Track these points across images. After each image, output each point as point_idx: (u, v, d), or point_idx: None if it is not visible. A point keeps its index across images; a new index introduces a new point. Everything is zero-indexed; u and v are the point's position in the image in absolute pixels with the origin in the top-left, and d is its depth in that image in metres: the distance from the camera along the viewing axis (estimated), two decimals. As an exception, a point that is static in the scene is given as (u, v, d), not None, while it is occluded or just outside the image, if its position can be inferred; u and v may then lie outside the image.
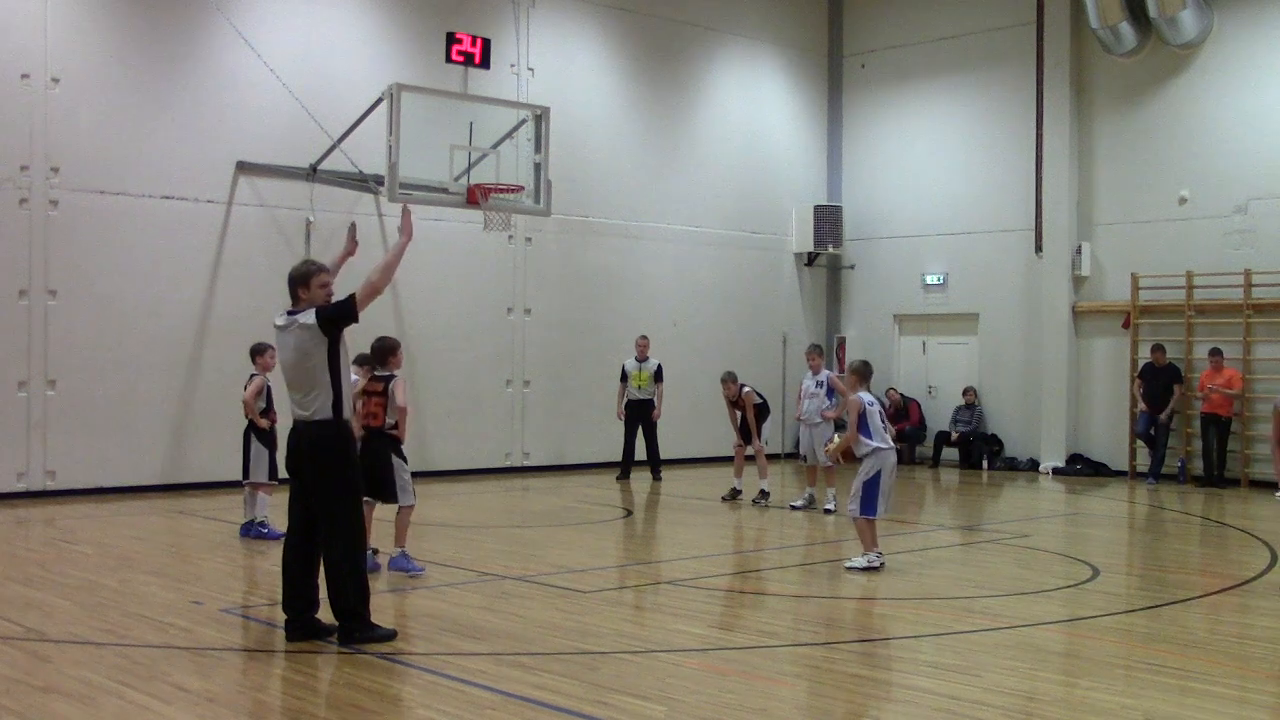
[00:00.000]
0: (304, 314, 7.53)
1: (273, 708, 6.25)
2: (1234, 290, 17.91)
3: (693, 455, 20.13)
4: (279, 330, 7.66)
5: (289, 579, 7.65)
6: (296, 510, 7.68)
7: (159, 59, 15.53)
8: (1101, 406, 19.54)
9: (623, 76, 20.01)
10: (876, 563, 10.27)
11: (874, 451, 10.36)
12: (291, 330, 7.54)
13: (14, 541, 11.87)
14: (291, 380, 7.62)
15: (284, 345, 7.61)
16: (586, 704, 6.26)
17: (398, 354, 10.15)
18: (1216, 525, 14.07)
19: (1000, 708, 6.29)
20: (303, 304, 7.62)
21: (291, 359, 7.55)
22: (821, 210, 22.06)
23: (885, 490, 10.37)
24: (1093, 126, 19.72)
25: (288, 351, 7.57)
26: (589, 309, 19.35)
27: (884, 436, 10.46)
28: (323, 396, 7.51)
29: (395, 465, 9.95)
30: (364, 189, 16.62)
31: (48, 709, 6.13)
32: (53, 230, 14.74)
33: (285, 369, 7.66)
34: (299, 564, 7.64)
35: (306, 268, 7.79)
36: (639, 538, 12.42)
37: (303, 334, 7.47)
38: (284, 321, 7.65)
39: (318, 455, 7.51)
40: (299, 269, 7.82)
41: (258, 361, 11.94)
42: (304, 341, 7.47)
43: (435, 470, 17.30)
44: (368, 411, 9.91)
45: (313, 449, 7.51)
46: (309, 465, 7.53)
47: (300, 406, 7.59)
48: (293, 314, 7.61)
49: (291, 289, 7.71)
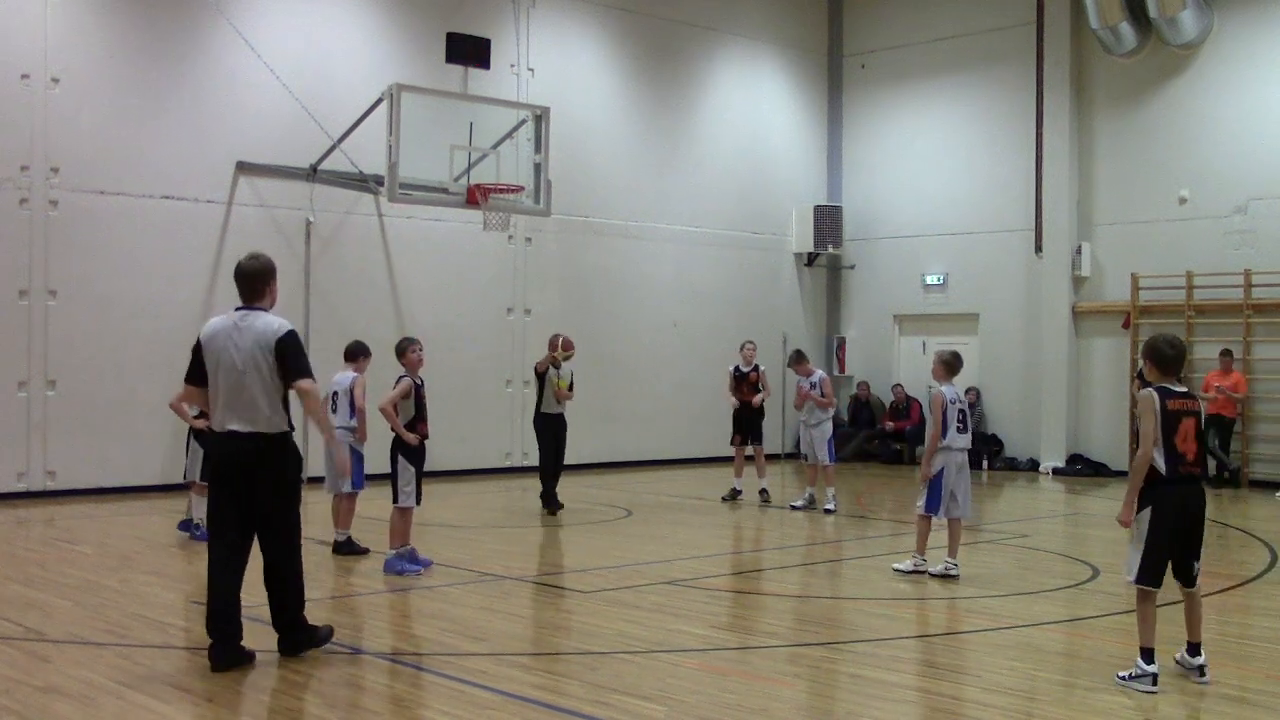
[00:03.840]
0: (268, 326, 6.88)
1: (273, 708, 6.25)
2: (1234, 290, 17.91)
3: (693, 455, 20.14)
4: (230, 330, 6.90)
5: (223, 601, 6.85)
6: (232, 527, 6.91)
7: (159, 59, 15.53)
8: (1101, 407, 19.54)
9: (623, 76, 20.01)
10: (923, 565, 10.05)
11: (944, 449, 9.94)
12: (251, 332, 6.87)
13: (14, 541, 11.87)
14: (239, 385, 6.81)
15: (238, 345, 6.84)
16: (586, 704, 6.26)
17: (407, 354, 10.20)
18: (1216, 525, 14.06)
19: (1000, 708, 6.29)
20: (261, 303, 7.03)
21: (249, 362, 6.82)
22: (821, 210, 22.06)
23: (949, 490, 9.94)
24: (1093, 126, 19.72)
25: (242, 352, 6.82)
26: (589, 309, 19.34)
27: (955, 435, 9.92)
28: (281, 407, 6.90)
29: (400, 465, 9.95)
30: (364, 189, 16.63)
31: (48, 709, 6.12)
32: (53, 230, 14.73)
33: (234, 370, 6.81)
34: (233, 586, 6.91)
35: (268, 263, 7.15)
36: (639, 538, 12.41)
37: (263, 343, 6.84)
38: (240, 320, 6.94)
39: (276, 470, 6.90)
40: (263, 262, 7.13)
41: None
42: (263, 349, 6.84)
43: (435, 470, 17.25)
44: None
45: (270, 464, 6.86)
46: (263, 481, 6.85)
47: (249, 416, 6.81)
48: (252, 311, 6.99)
49: (252, 285, 7.03)
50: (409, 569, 9.83)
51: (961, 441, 9.99)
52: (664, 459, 20.05)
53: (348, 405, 10.92)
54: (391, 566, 9.83)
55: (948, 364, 10.06)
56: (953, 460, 9.99)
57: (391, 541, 9.95)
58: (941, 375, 10.06)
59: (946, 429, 9.89)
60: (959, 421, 9.95)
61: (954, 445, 9.94)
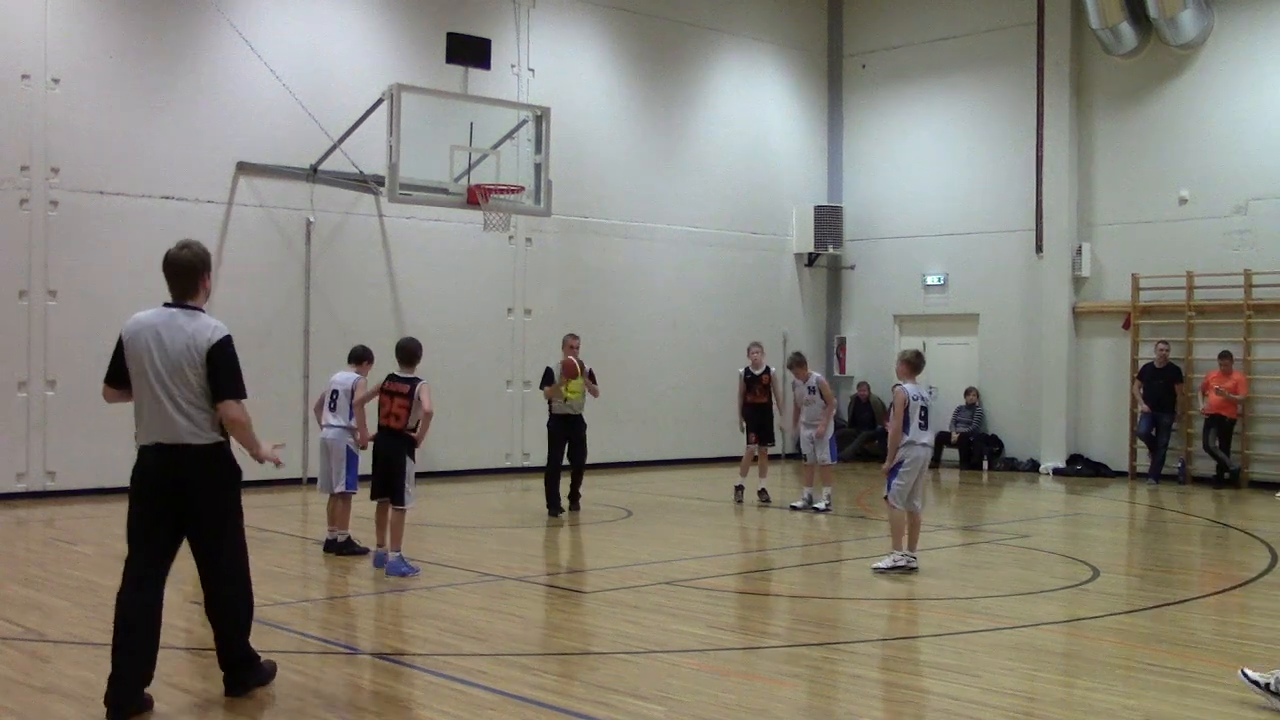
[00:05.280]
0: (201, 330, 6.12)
1: (273, 708, 6.25)
2: (1234, 291, 17.90)
3: (693, 456, 20.15)
4: (156, 329, 6.14)
5: (132, 647, 5.93)
6: (152, 554, 6.08)
7: (159, 59, 15.53)
8: (1102, 407, 19.54)
9: (623, 77, 20.00)
10: (901, 562, 10.17)
11: (907, 444, 10.22)
12: (180, 333, 6.10)
13: (14, 542, 11.87)
14: (165, 393, 6.01)
15: (166, 348, 6.06)
16: (586, 704, 6.26)
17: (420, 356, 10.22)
18: (1217, 525, 14.06)
19: (1000, 708, 6.29)
20: (195, 299, 6.27)
21: (176, 369, 6.03)
22: (822, 210, 22.06)
23: (909, 484, 10.20)
24: (1093, 126, 19.71)
25: (175, 352, 6.04)
26: (589, 309, 19.32)
27: (917, 431, 10.20)
28: (207, 412, 6.07)
29: (407, 467, 9.96)
30: (364, 189, 16.63)
31: (48, 709, 6.12)
32: (53, 231, 14.74)
33: (163, 371, 6.04)
34: (150, 626, 6.03)
35: (201, 252, 6.35)
36: (639, 538, 12.41)
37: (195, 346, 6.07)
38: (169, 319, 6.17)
39: (215, 484, 6.12)
40: (195, 251, 6.31)
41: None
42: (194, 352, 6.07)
43: (436, 471, 17.30)
44: (389, 412, 10.00)
45: (204, 474, 6.07)
46: (199, 496, 6.07)
47: (175, 428, 6.01)
48: (183, 308, 6.22)
49: (183, 278, 6.27)
50: (412, 570, 9.84)
51: (924, 438, 10.31)
52: (664, 459, 20.04)
53: (348, 406, 10.92)
54: (395, 568, 9.84)
55: (909, 363, 10.43)
56: (915, 456, 10.25)
57: (393, 543, 9.94)
58: (904, 373, 10.44)
59: (909, 425, 10.20)
60: (920, 418, 10.27)
61: (917, 441, 10.26)
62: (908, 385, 10.30)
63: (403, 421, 9.91)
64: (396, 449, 9.95)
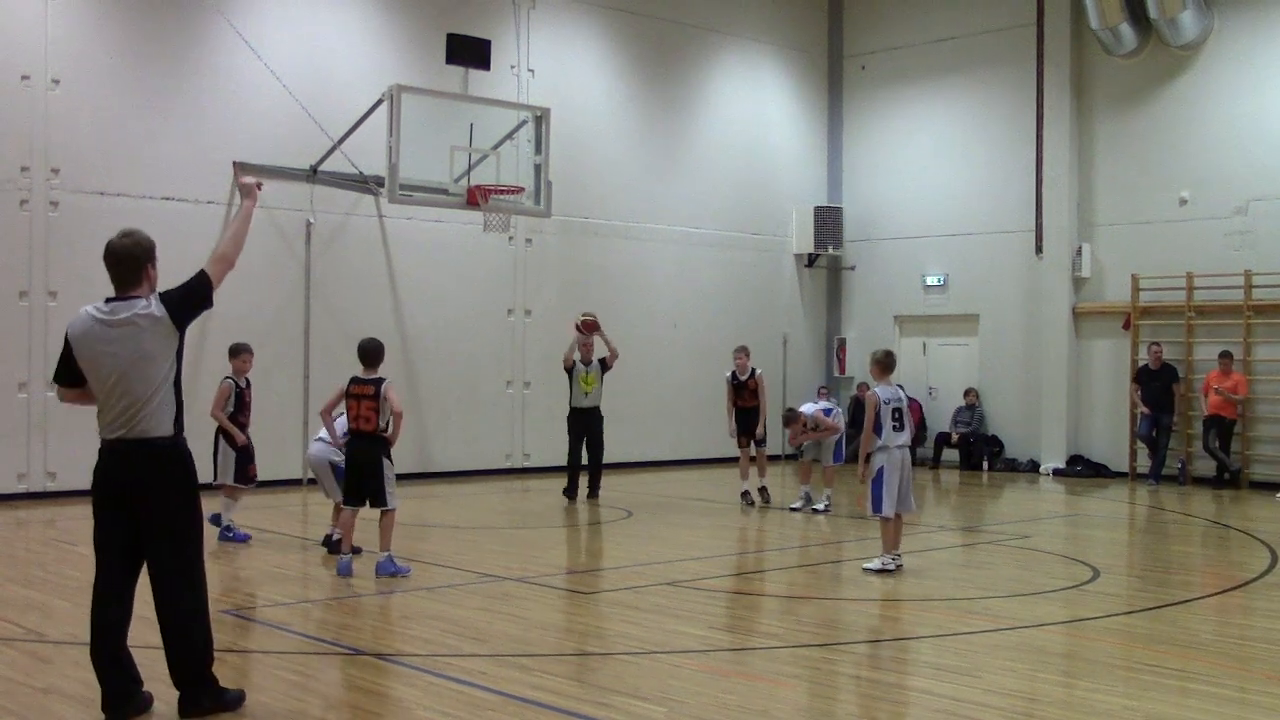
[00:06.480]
0: (145, 303, 5.85)
1: (273, 708, 6.24)
2: (1234, 291, 17.91)
3: (693, 456, 20.14)
4: (102, 324, 5.87)
5: (110, 652, 5.93)
6: (116, 555, 6.04)
7: (159, 60, 15.53)
8: (1102, 408, 19.54)
9: (623, 77, 20.01)
10: (890, 565, 10.14)
11: (879, 449, 10.14)
12: (129, 325, 5.83)
13: (14, 542, 11.87)
14: (120, 388, 5.88)
15: (115, 344, 5.84)
16: (586, 705, 6.26)
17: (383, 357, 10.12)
18: (1217, 526, 14.07)
19: (1001, 709, 6.29)
20: (138, 290, 5.93)
21: (129, 361, 5.83)
22: (822, 211, 22.06)
23: (893, 488, 10.10)
24: (1093, 127, 19.72)
25: (123, 353, 5.83)
26: (589, 310, 19.29)
27: (891, 434, 10.11)
28: (165, 409, 5.90)
29: (385, 468, 9.93)
30: (364, 190, 16.62)
31: (48, 709, 6.12)
32: (53, 231, 14.74)
33: (112, 374, 5.87)
34: (120, 631, 5.97)
35: (144, 240, 6.00)
36: (639, 538, 12.42)
37: (149, 329, 5.82)
38: (111, 313, 5.89)
39: (164, 483, 5.96)
40: (138, 239, 5.98)
41: None
42: (150, 339, 5.83)
43: (435, 471, 17.31)
44: (358, 415, 9.87)
45: (157, 475, 5.94)
46: (151, 496, 5.95)
47: (126, 422, 5.92)
48: (125, 300, 5.91)
49: (128, 268, 5.94)
50: (402, 570, 9.83)
51: (899, 439, 10.17)
52: (664, 460, 20.04)
53: None
54: (384, 568, 9.82)
55: (881, 363, 10.36)
56: (892, 459, 10.14)
57: (383, 544, 9.90)
58: (876, 374, 10.39)
59: (881, 428, 10.09)
60: (894, 420, 10.16)
61: (891, 444, 10.13)
62: (879, 387, 10.27)
63: (374, 424, 9.81)
64: (372, 452, 9.88)
